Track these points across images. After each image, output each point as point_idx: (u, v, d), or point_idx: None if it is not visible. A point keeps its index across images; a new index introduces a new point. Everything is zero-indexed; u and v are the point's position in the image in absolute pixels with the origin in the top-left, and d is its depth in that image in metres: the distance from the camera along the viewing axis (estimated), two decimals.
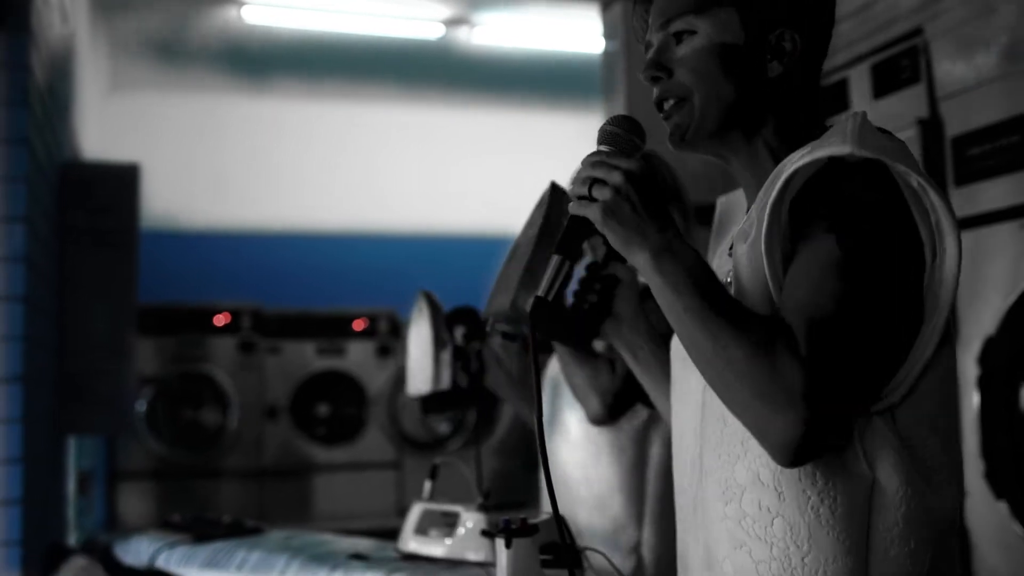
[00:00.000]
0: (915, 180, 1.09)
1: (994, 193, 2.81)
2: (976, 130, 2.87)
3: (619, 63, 4.08)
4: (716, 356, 1.05)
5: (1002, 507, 2.65)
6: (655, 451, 2.30)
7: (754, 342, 1.03)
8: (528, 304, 1.38)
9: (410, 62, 6.47)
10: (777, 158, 1.23)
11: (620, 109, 4.06)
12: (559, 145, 6.37)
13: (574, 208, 1.15)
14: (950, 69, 2.99)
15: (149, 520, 4.78)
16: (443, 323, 2.23)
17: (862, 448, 1.10)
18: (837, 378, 1.03)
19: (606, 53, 4.25)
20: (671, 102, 1.25)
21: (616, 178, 1.12)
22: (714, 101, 1.22)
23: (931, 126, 2.98)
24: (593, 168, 1.14)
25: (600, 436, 2.30)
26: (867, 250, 1.07)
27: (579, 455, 2.33)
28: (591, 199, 1.13)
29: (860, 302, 1.06)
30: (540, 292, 1.17)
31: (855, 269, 1.06)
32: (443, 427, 5.73)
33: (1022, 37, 2.80)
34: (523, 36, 6.48)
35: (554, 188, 1.49)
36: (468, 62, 6.52)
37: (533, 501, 2.66)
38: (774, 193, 1.11)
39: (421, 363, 2.22)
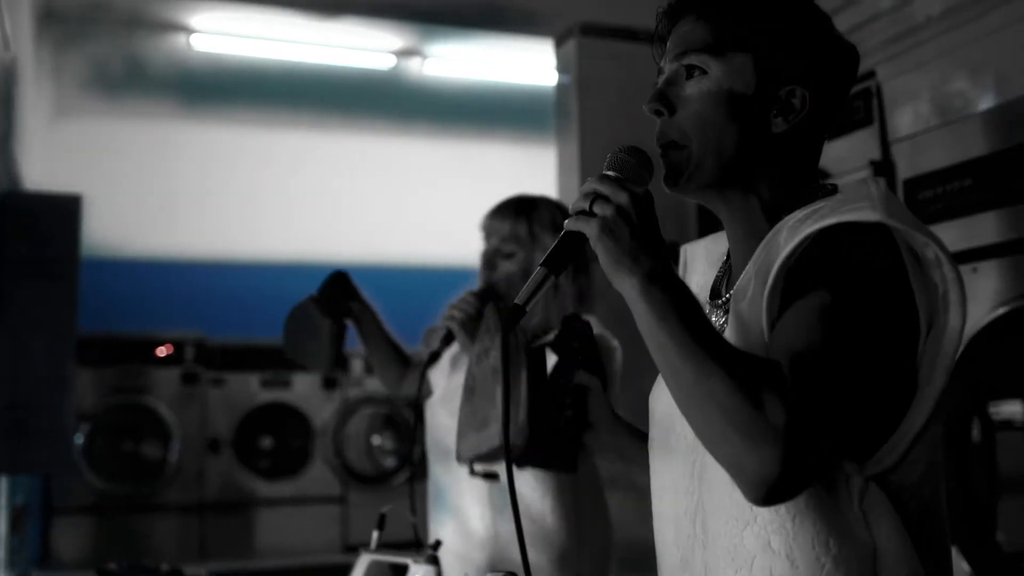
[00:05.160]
0: (933, 251, 1.08)
1: (945, 237, 2.79)
2: (926, 174, 2.88)
3: (572, 96, 4.07)
4: (697, 386, 1.02)
5: (952, 551, 2.65)
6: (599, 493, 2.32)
7: (738, 375, 1.00)
8: (513, 436, 1.35)
9: (361, 92, 6.44)
10: (769, 215, 1.22)
11: (573, 142, 4.05)
12: (511, 176, 6.38)
13: (571, 223, 1.11)
14: (901, 112, 3.01)
15: (86, 555, 4.67)
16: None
17: (861, 511, 1.08)
18: (818, 419, 1.00)
19: (559, 86, 4.24)
20: (666, 142, 1.23)
21: (622, 198, 1.09)
22: (712, 151, 1.20)
23: (883, 168, 3.00)
24: (600, 184, 1.11)
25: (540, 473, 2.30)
26: (861, 303, 1.06)
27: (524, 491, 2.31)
28: (591, 214, 1.10)
29: (847, 348, 1.04)
30: (519, 300, 1.13)
31: (845, 317, 1.05)
32: (389, 461, 5.65)
33: (970, 84, 2.83)
34: (475, 68, 6.48)
35: (498, 311, 1.46)
36: (419, 93, 6.51)
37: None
38: (786, 252, 1.09)
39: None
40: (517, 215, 2.38)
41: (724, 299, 1.26)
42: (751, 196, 1.23)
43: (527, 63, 6.22)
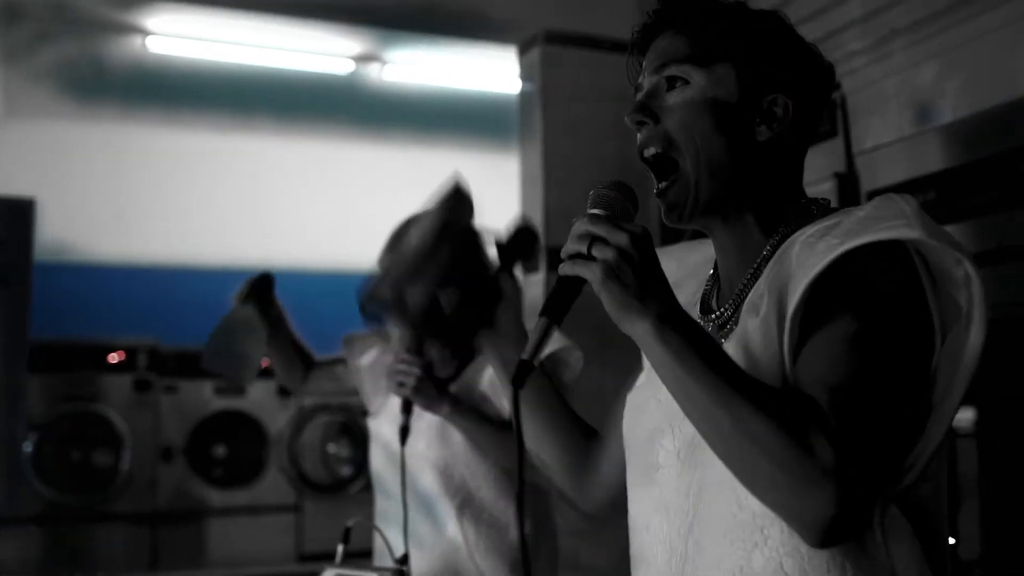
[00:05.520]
0: (963, 270, 1.08)
1: None
2: (890, 186, 2.90)
3: (536, 105, 4.05)
4: (736, 432, 1.00)
5: None
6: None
7: (779, 417, 0.99)
8: (412, 298, 1.34)
9: (319, 97, 6.37)
10: (764, 227, 1.22)
11: (536, 151, 4.03)
12: (472, 185, 6.34)
13: (568, 268, 1.08)
14: (865, 125, 3.03)
15: (34, 567, 4.58)
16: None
17: (881, 533, 1.07)
18: (865, 453, 0.99)
19: (523, 94, 4.22)
20: (652, 150, 1.22)
21: (622, 239, 1.05)
22: (704, 165, 1.19)
23: (848, 180, 3.02)
24: (594, 225, 1.07)
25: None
26: (888, 330, 1.06)
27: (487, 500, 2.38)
28: (589, 258, 1.06)
29: (881, 378, 1.03)
30: (525, 355, 1.10)
31: (876, 346, 1.04)
32: (345, 469, 5.60)
33: (934, 97, 2.85)
34: (436, 74, 6.44)
35: (457, 190, 1.45)
36: (379, 99, 6.45)
37: None
38: (817, 270, 1.06)
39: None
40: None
41: (718, 313, 1.24)
42: (745, 209, 1.22)
43: (490, 70, 6.19)
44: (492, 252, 1.50)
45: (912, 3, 2.88)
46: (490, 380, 2.36)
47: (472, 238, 1.44)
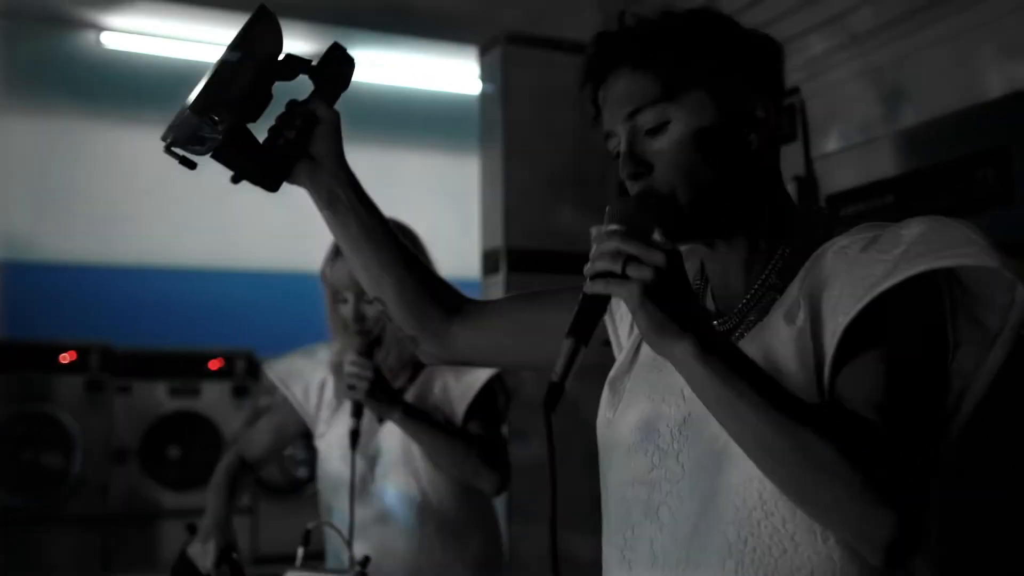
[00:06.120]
0: (1012, 297, 1.09)
1: None
2: (849, 189, 2.93)
3: (496, 106, 4.04)
4: (801, 458, 1.00)
5: None
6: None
7: (841, 441, 0.99)
8: (213, 111, 1.32)
9: (276, 96, 6.30)
10: (769, 234, 1.20)
11: (497, 152, 4.02)
12: (432, 186, 6.32)
13: (600, 287, 1.04)
14: (824, 129, 3.05)
15: None
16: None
17: None
18: (921, 470, 1.02)
19: (484, 95, 4.20)
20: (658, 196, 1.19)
21: (657, 258, 1.02)
22: (701, 195, 1.17)
23: (807, 184, 3.04)
24: (626, 243, 1.03)
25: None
26: (934, 355, 1.09)
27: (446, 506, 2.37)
28: (622, 276, 1.03)
29: (928, 403, 1.07)
30: (554, 377, 1.06)
31: (925, 370, 1.08)
32: (300, 471, 5.55)
33: (893, 102, 2.88)
34: (396, 74, 6.40)
35: (259, 13, 1.38)
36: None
37: None
38: (885, 287, 1.06)
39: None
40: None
41: (722, 319, 1.22)
42: (753, 218, 1.21)
43: (450, 71, 6.17)
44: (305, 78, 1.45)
45: (872, 9, 2.91)
46: (442, 389, 2.35)
47: (276, 63, 1.39)
